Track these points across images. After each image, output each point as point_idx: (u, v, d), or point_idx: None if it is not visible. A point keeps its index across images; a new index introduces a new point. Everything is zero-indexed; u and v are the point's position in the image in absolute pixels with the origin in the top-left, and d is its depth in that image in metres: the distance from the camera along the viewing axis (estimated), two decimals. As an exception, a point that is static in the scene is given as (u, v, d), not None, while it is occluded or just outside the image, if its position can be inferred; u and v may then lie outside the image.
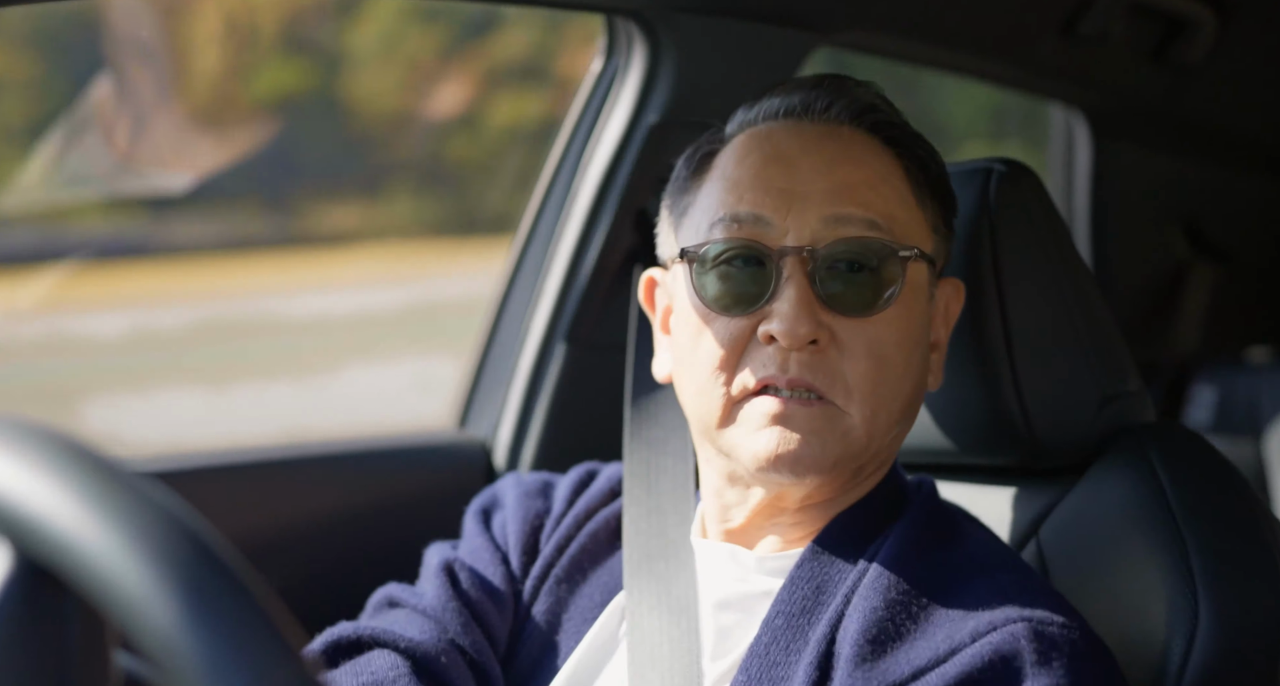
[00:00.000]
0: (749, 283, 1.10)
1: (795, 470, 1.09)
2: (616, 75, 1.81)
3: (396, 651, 1.15)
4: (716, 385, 1.11)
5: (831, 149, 1.13)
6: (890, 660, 1.02)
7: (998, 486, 1.32)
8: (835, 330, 1.09)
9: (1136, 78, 2.52)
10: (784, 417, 1.08)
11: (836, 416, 1.10)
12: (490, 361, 1.93)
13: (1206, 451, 1.23)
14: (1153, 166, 3.01)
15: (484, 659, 1.18)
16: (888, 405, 1.11)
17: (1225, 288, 3.17)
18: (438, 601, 1.20)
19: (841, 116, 1.15)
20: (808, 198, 1.10)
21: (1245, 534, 1.17)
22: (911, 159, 1.16)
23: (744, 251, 1.10)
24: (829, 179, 1.11)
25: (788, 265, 1.08)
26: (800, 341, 1.07)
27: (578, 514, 1.28)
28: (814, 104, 1.16)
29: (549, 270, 1.86)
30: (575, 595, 1.23)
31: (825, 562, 1.12)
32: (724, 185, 1.14)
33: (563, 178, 1.88)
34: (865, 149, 1.14)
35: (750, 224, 1.11)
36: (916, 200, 1.15)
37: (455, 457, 1.85)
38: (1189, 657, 1.10)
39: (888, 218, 1.11)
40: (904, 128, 1.19)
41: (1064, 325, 1.27)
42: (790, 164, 1.12)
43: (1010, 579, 1.08)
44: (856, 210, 1.10)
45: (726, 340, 1.11)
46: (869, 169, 1.13)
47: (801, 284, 1.08)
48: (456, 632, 1.18)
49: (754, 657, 1.08)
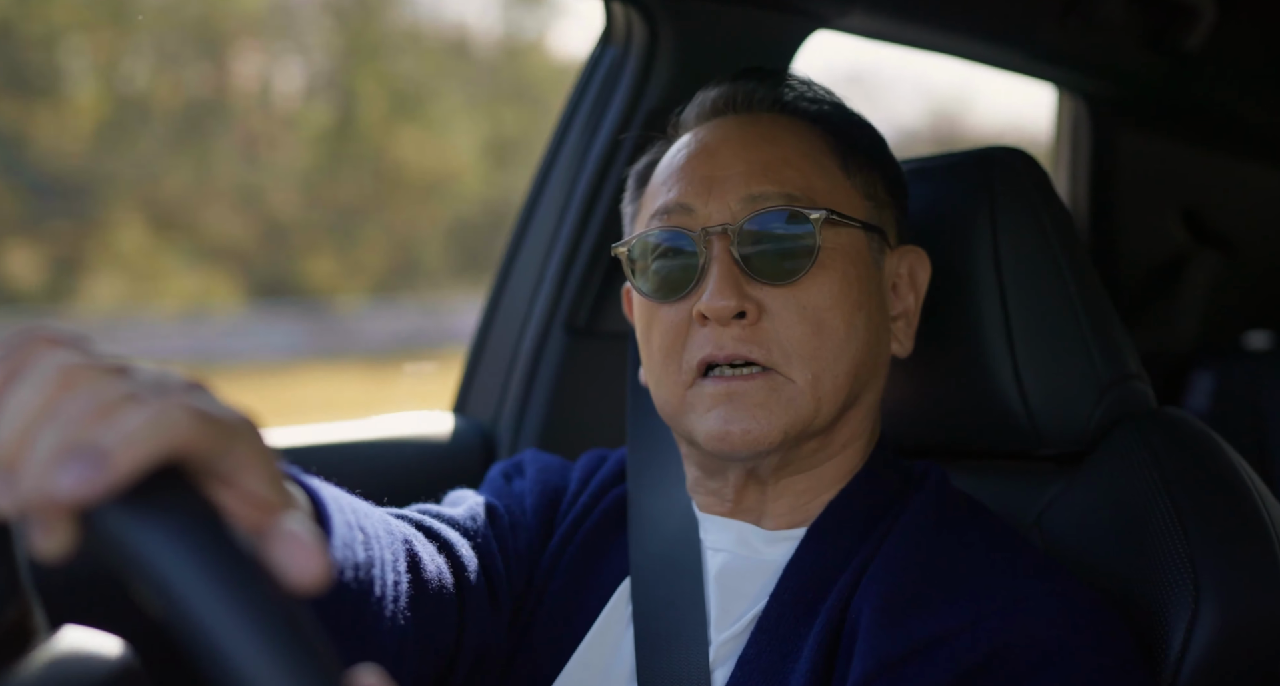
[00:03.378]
0: (680, 269, 1.15)
1: (745, 444, 1.11)
2: (615, 61, 1.80)
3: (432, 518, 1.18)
4: (669, 372, 1.16)
5: (751, 133, 1.18)
6: (912, 623, 1.03)
7: (999, 474, 1.32)
8: (765, 301, 1.12)
9: (1136, 64, 2.51)
10: (727, 396, 1.12)
11: (780, 385, 1.12)
12: (489, 348, 1.93)
13: (1206, 439, 1.23)
14: (1153, 153, 3.00)
15: (496, 580, 1.20)
16: (830, 367, 1.13)
17: (1225, 274, 3.17)
18: (469, 516, 1.23)
19: (763, 105, 1.22)
20: (727, 180, 1.15)
21: (1244, 521, 1.17)
22: (838, 135, 1.20)
23: (671, 238, 1.15)
24: (746, 161, 1.15)
25: (712, 245, 1.13)
26: (725, 314, 1.10)
27: (593, 492, 1.30)
28: (736, 98, 1.22)
29: (547, 257, 1.86)
30: (590, 572, 1.25)
31: (833, 537, 1.14)
32: (656, 185, 1.21)
33: (560, 164, 1.87)
34: (785, 130, 1.19)
35: (677, 213, 1.16)
36: (843, 171, 1.18)
37: (455, 444, 1.85)
38: (1189, 642, 1.11)
39: (806, 189, 1.14)
40: (829, 106, 1.23)
41: (1065, 313, 1.27)
42: (711, 153, 1.17)
43: (1031, 556, 1.10)
44: (771, 186, 1.14)
45: (670, 327, 1.15)
46: (787, 147, 1.17)
47: (724, 260, 1.12)
48: (482, 548, 1.20)
49: (763, 630, 1.10)
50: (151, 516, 0.54)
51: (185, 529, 0.54)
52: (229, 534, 0.55)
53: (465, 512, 1.24)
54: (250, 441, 0.60)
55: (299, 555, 0.58)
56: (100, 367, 0.58)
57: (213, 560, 0.54)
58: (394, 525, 1.10)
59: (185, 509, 0.55)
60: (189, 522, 0.54)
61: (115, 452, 0.54)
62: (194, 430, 0.56)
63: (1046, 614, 1.01)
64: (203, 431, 0.57)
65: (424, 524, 1.18)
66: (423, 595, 1.10)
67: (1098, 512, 1.21)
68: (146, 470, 0.55)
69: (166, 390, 0.58)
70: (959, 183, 1.32)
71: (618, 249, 1.20)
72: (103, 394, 0.56)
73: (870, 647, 1.03)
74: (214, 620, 0.53)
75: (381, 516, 1.09)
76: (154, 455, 0.55)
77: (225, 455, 0.58)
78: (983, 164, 1.31)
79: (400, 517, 1.17)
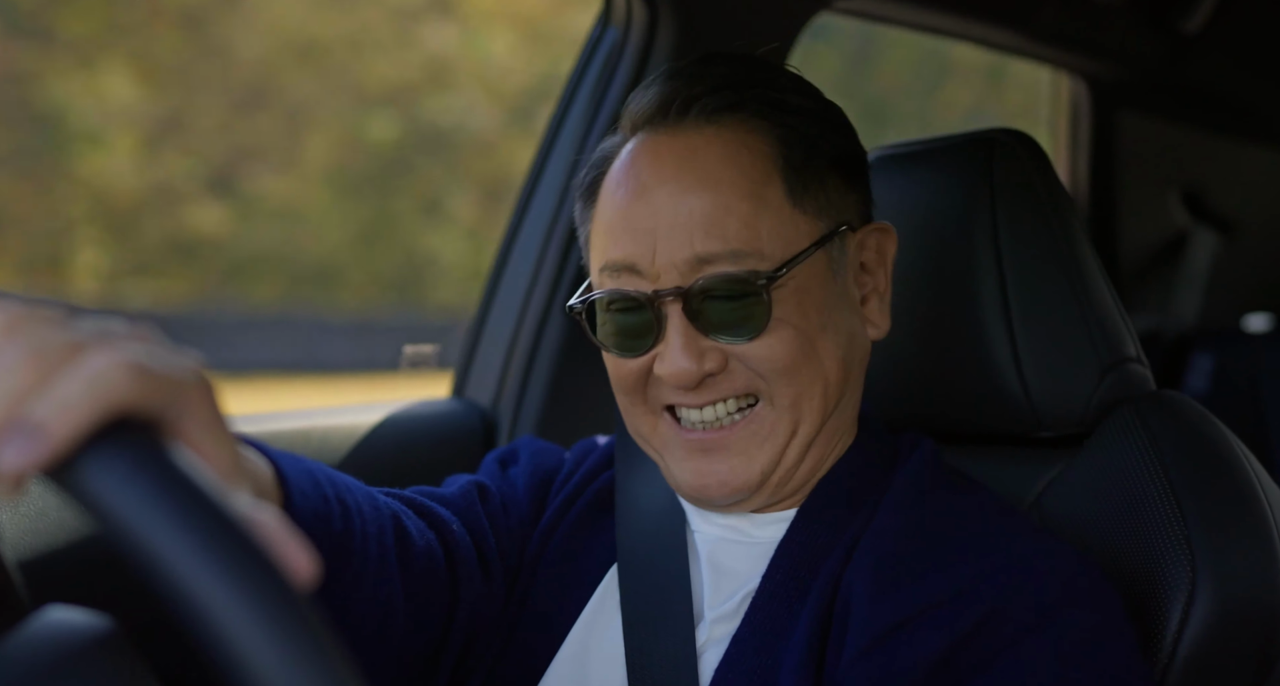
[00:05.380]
0: (636, 327, 1.13)
1: (723, 494, 1.12)
2: (615, 42, 1.79)
3: (409, 502, 1.19)
4: (635, 404, 1.16)
5: (690, 175, 1.10)
6: (904, 593, 1.03)
7: (998, 456, 1.33)
8: (730, 352, 1.11)
9: (1137, 45, 2.51)
10: (702, 449, 1.12)
11: (761, 421, 1.12)
12: (488, 330, 1.93)
13: (1205, 421, 1.23)
14: (1154, 135, 3.00)
15: (488, 554, 1.22)
16: (808, 389, 1.12)
17: (1224, 256, 3.17)
18: (461, 494, 1.25)
19: (699, 116, 1.13)
20: (671, 236, 1.10)
21: (1242, 502, 1.17)
22: (788, 143, 1.13)
23: (622, 301, 1.13)
24: (688, 213, 1.09)
25: (665, 307, 1.10)
26: (689, 380, 1.09)
27: (584, 474, 1.31)
28: (672, 105, 1.13)
29: (547, 240, 1.86)
30: (581, 552, 1.25)
31: (822, 517, 1.14)
32: (601, 226, 1.16)
33: (560, 145, 1.87)
34: (726, 161, 1.11)
35: (626, 272, 1.12)
36: (791, 197, 1.11)
37: (454, 427, 1.85)
38: (1186, 624, 1.11)
39: (750, 240, 1.09)
40: (773, 109, 1.14)
41: (1064, 296, 1.27)
42: (650, 200, 1.11)
43: (1020, 522, 1.10)
44: (716, 245, 1.09)
45: (630, 374, 1.14)
46: (726, 188, 1.10)
47: (680, 323, 1.10)
48: (473, 524, 1.22)
49: (757, 609, 1.10)
50: (97, 464, 0.53)
51: (132, 468, 0.53)
52: (181, 468, 0.54)
53: (457, 491, 1.25)
54: (197, 393, 0.58)
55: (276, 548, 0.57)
56: (39, 317, 0.57)
57: (166, 493, 0.53)
58: (381, 501, 1.11)
59: (131, 451, 0.54)
60: (135, 461, 0.53)
61: (51, 423, 0.53)
62: (133, 387, 0.55)
63: (1038, 577, 1.02)
64: (143, 387, 0.55)
65: (415, 501, 1.19)
66: (412, 568, 1.11)
67: (1096, 494, 1.22)
68: (86, 433, 0.53)
69: (110, 340, 0.56)
70: (959, 165, 1.31)
71: (573, 309, 1.17)
72: (41, 343, 0.55)
73: (863, 620, 1.03)
74: (170, 544, 0.52)
75: (367, 492, 1.10)
76: (92, 418, 0.53)
77: (169, 408, 0.56)
78: (982, 146, 1.31)
79: (392, 495, 1.18)
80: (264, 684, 0.51)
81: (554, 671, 1.18)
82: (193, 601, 0.52)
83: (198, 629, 0.52)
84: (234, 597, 0.51)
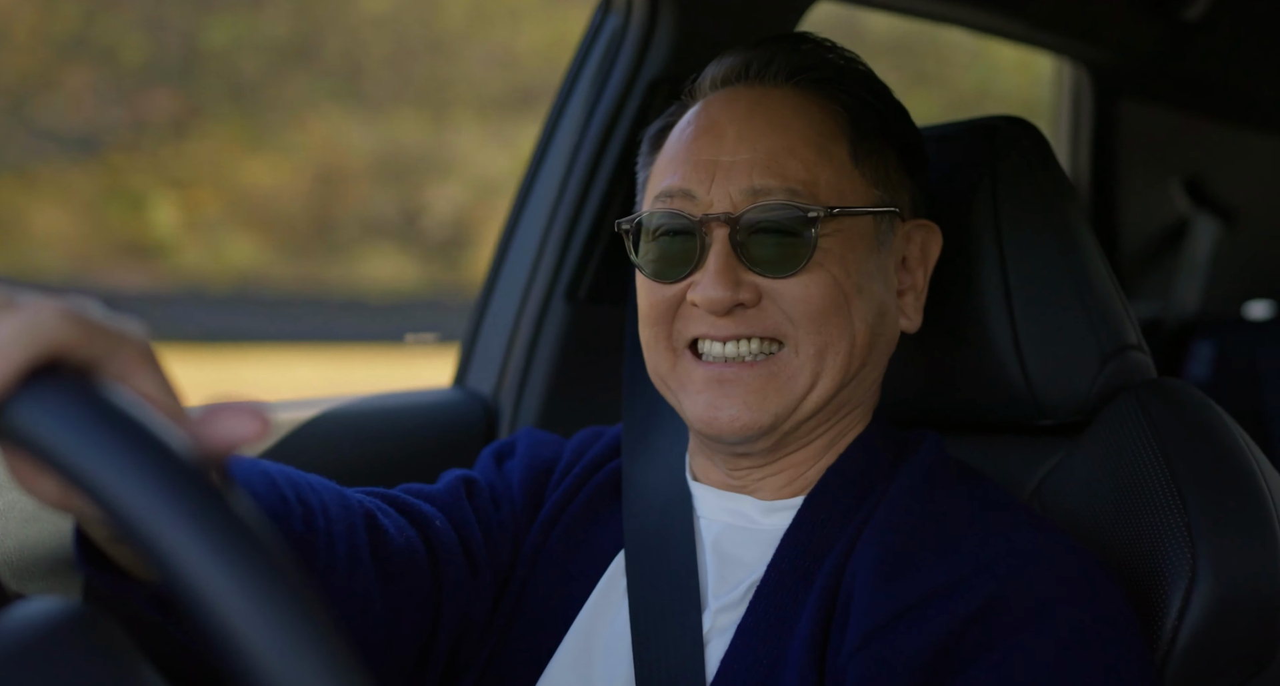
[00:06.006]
0: (679, 252, 1.15)
1: (733, 430, 1.13)
2: (616, 30, 1.79)
3: (391, 500, 1.21)
4: (658, 338, 1.17)
5: (760, 117, 1.16)
6: (905, 582, 1.04)
7: (999, 444, 1.33)
8: (764, 288, 1.13)
9: (1139, 33, 2.50)
10: (718, 381, 1.13)
11: (782, 366, 1.13)
12: (489, 319, 1.93)
13: (1205, 408, 1.23)
14: (1155, 122, 2.99)
15: (475, 549, 1.23)
16: (836, 342, 1.13)
17: (1225, 244, 3.17)
18: (447, 490, 1.26)
19: (779, 76, 1.18)
20: (731, 168, 1.14)
21: (1242, 490, 1.17)
22: (852, 113, 1.18)
23: (671, 222, 1.15)
24: (753, 149, 1.14)
25: (711, 232, 1.13)
26: (720, 305, 1.11)
27: (586, 465, 1.31)
28: (750, 67, 1.19)
29: (548, 228, 1.86)
30: (585, 543, 1.26)
31: (829, 506, 1.15)
32: (664, 161, 1.20)
33: (561, 134, 1.87)
34: (797, 112, 1.16)
35: (679, 197, 1.15)
36: (852, 158, 1.16)
37: (456, 415, 1.85)
38: (1185, 611, 1.11)
39: (809, 182, 1.13)
40: (850, 82, 1.20)
41: (1065, 283, 1.27)
42: (719, 135, 1.16)
43: (1022, 513, 1.11)
44: (774, 180, 1.12)
45: (663, 302, 1.16)
46: (794, 134, 1.15)
47: (722, 250, 1.12)
48: (458, 519, 1.23)
49: (761, 599, 1.11)
50: (30, 397, 0.53)
51: (66, 399, 0.53)
52: (115, 398, 0.54)
53: (443, 487, 1.27)
54: (136, 346, 0.58)
55: (229, 418, 0.57)
56: None
57: (102, 420, 0.52)
58: (353, 500, 1.13)
59: (65, 385, 0.54)
60: (69, 392, 0.53)
61: None
62: (70, 331, 0.55)
63: (1038, 566, 1.02)
64: (79, 332, 0.55)
65: (397, 499, 1.21)
66: (389, 563, 1.13)
67: (1096, 482, 1.22)
68: (22, 372, 0.53)
69: (47, 299, 0.57)
70: (961, 152, 1.31)
71: (620, 226, 1.20)
72: None
73: (865, 609, 1.03)
74: (108, 471, 0.51)
75: (337, 491, 1.13)
76: (28, 357, 0.54)
77: (109, 356, 0.57)
78: (984, 133, 1.31)
79: (373, 493, 1.20)
80: (217, 603, 0.50)
81: (559, 660, 1.19)
82: (145, 535, 0.51)
83: (156, 567, 0.51)
84: (182, 523, 0.51)
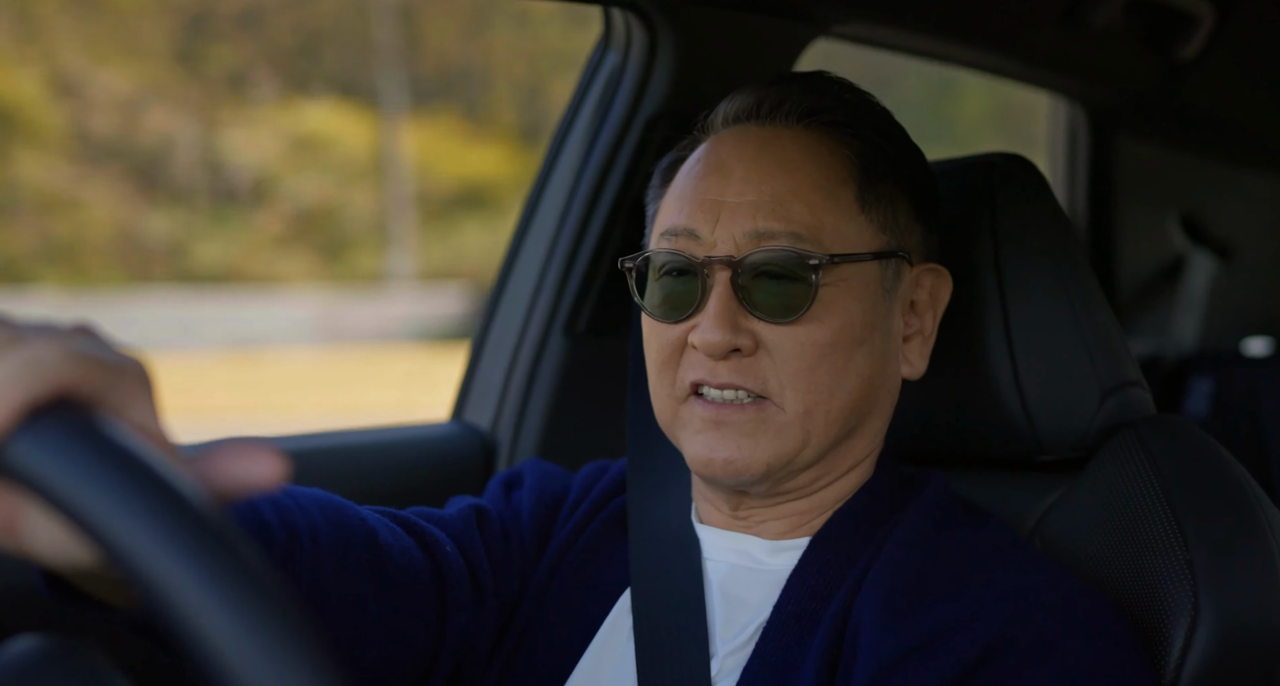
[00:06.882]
0: (682, 293, 1.15)
1: (728, 473, 1.13)
2: (615, 66, 1.80)
3: (401, 522, 1.21)
4: (663, 384, 1.17)
5: (769, 158, 1.15)
6: (911, 622, 1.03)
7: (999, 480, 1.32)
8: (763, 336, 1.12)
9: (1135, 70, 2.52)
10: (715, 423, 1.13)
11: (770, 415, 1.12)
12: (487, 352, 1.93)
13: (1205, 444, 1.23)
14: (1152, 159, 3.01)
15: (482, 578, 1.22)
16: (824, 403, 1.12)
17: (1223, 280, 3.18)
18: (459, 517, 1.26)
19: (790, 117, 1.17)
20: (736, 210, 1.13)
21: (1243, 526, 1.17)
22: (868, 156, 1.17)
23: (673, 262, 1.15)
24: (759, 191, 1.13)
25: (713, 274, 1.12)
26: (717, 350, 1.11)
27: (594, 500, 1.31)
28: (764, 104, 1.19)
29: (547, 261, 1.86)
30: (592, 579, 1.25)
31: (834, 548, 1.14)
32: (672, 197, 1.20)
33: (560, 168, 1.87)
34: (806, 153, 1.15)
35: (684, 237, 1.15)
36: (859, 203, 1.15)
37: (454, 448, 1.85)
38: (1189, 649, 1.11)
39: (813, 227, 1.12)
40: (863, 125, 1.19)
41: (1065, 319, 1.27)
42: (726, 175, 1.15)
43: (1027, 553, 1.10)
44: (778, 224, 1.12)
45: (667, 344, 1.16)
46: (801, 177, 1.14)
47: (724, 292, 1.12)
48: (467, 546, 1.23)
49: (767, 641, 1.10)
50: (38, 440, 0.53)
51: (68, 436, 0.53)
52: (119, 435, 0.54)
53: (455, 513, 1.26)
54: (136, 381, 0.58)
55: (244, 460, 0.58)
56: None
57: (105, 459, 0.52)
58: (354, 518, 1.13)
59: (67, 422, 0.54)
60: (72, 430, 0.53)
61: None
62: (73, 368, 0.55)
63: (1044, 606, 1.02)
64: (83, 369, 0.56)
65: (408, 520, 1.21)
66: (391, 584, 1.13)
67: (1097, 519, 1.21)
68: (23, 411, 0.53)
69: (50, 333, 0.57)
70: (959, 188, 1.32)
71: (624, 264, 1.20)
72: None
73: (872, 650, 1.03)
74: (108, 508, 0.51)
75: (337, 509, 1.12)
76: (32, 396, 0.54)
77: (110, 391, 0.57)
78: (982, 170, 1.31)
79: (383, 513, 1.19)
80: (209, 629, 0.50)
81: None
82: (145, 572, 0.51)
83: (162, 610, 0.51)
84: (182, 559, 0.51)
